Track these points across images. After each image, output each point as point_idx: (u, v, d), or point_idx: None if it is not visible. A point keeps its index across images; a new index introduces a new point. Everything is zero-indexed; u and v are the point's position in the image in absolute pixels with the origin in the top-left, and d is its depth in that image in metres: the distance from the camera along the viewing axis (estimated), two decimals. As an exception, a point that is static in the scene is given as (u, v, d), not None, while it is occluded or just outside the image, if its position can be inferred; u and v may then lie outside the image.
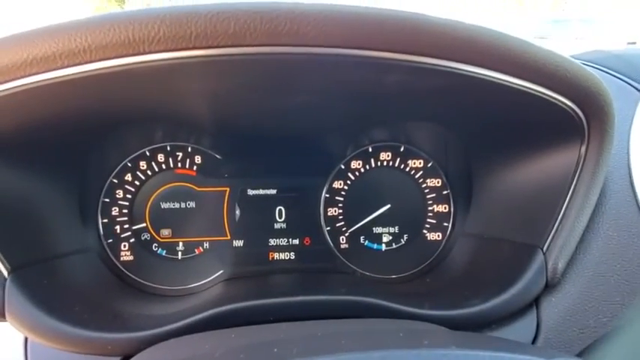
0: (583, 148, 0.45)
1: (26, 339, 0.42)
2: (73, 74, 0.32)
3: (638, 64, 0.59)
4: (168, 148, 0.60)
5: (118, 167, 0.59)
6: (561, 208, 0.46)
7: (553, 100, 0.42)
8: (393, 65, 0.37)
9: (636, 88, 0.56)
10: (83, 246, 0.53)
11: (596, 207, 0.47)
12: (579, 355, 0.45)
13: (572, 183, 0.46)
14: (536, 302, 0.47)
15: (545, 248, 0.46)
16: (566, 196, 0.46)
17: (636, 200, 0.48)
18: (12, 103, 0.36)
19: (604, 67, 0.62)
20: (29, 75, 0.33)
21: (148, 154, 0.60)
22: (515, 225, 0.52)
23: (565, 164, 0.47)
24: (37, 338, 0.39)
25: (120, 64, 0.32)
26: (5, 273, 0.39)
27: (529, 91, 0.41)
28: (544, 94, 0.42)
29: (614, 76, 0.60)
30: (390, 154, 0.65)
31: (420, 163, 0.65)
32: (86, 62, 0.31)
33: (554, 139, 0.47)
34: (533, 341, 0.46)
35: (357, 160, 0.65)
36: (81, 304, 0.44)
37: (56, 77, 0.34)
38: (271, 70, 0.38)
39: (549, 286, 0.46)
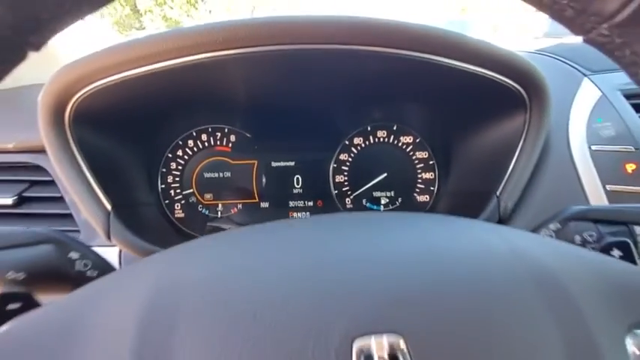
0: (527, 115, 0.60)
1: (120, 250, 0.59)
2: (165, 67, 0.49)
3: (582, 52, 0.73)
4: (210, 130, 0.77)
5: (172, 145, 0.76)
6: (512, 162, 0.61)
7: (501, 81, 0.57)
8: (381, 55, 0.52)
9: (580, 71, 0.71)
10: (150, 202, 0.70)
11: (539, 160, 0.61)
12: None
13: (519, 142, 0.61)
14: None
15: (498, 193, 0.61)
16: (516, 153, 0.61)
17: (571, 156, 0.62)
18: (118, 90, 0.53)
19: (557, 55, 0.76)
20: (133, 68, 0.50)
21: (194, 134, 0.76)
22: (479, 179, 0.66)
23: (515, 128, 0.61)
24: (129, 251, 0.55)
25: (204, 57, 0.49)
26: (109, 208, 0.55)
27: (484, 74, 0.56)
28: (494, 76, 0.56)
29: (564, 62, 0.74)
30: (385, 132, 0.80)
31: (410, 139, 0.80)
32: (180, 57, 0.48)
33: (506, 109, 0.61)
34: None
35: (358, 137, 0.80)
36: (154, 235, 0.60)
37: (151, 70, 0.50)
38: (297, 61, 0.54)
39: (502, 221, 0.60)
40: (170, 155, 0.76)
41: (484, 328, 0.23)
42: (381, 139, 0.80)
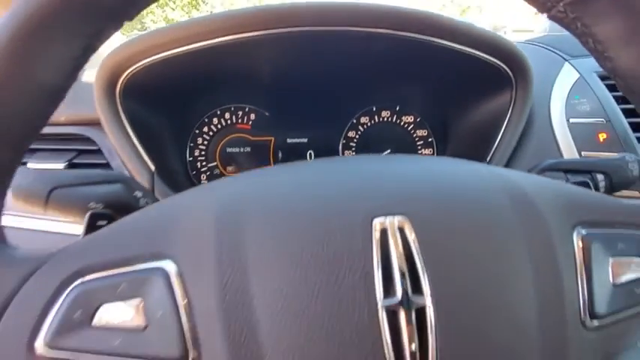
0: (513, 92, 0.69)
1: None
2: (201, 47, 0.58)
3: (564, 40, 0.82)
4: (232, 109, 0.86)
5: (199, 122, 0.85)
6: (500, 133, 0.69)
7: (490, 61, 0.66)
8: (384, 37, 0.61)
9: (561, 56, 0.80)
10: (180, 171, 0.79)
11: (523, 131, 0.70)
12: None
13: (506, 116, 0.70)
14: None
15: (488, 159, 0.69)
16: (503, 125, 0.70)
17: (551, 127, 0.71)
18: (159, 68, 0.62)
19: (543, 43, 0.85)
20: (173, 48, 0.59)
21: (218, 112, 0.85)
22: (472, 149, 0.75)
23: (503, 103, 0.70)
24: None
25: (239, 37, 0.58)
26: (153, 169, 0.64)
27: (475, 55, 0.65)
28: (484, 56, 0.65)
29: (549, 49, 0.83)
30: (389, 112, 0.89)
31: (411, 119, 0.89)
32: (214, 37, 0.57)
33: (495, 87, 0.71)
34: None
35: (365, 116, 0.89)
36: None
37: (188, 49, 0.59)
38: (312, 43, 0.64)
39: (491, 183, 0.69)
40: (197, 131, 0.85)
41: (466, 218, 0.32)
42: (385, 119, 0.89)
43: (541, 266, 0.32)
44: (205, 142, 0.85)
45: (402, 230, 0.30)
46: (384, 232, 0.30)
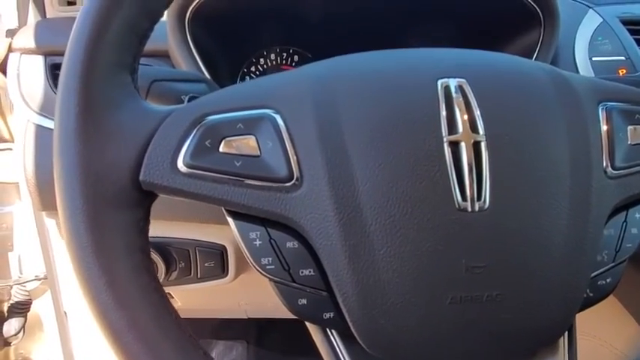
0: (541, 29, 0.75)
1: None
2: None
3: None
4: (278, 50, 0.93)
5: (247, 61, 0.92)
6: (530, 65, 0.76)
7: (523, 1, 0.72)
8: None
9: (586, 5, 0.85)
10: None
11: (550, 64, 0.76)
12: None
13: (534, 54, 0.76)
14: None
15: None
16: (534, 56, 0.76)
17: (575, 65, 0.77)
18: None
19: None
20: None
21: (265, 53, 0.93)
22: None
23: (530, 42, 0.77)
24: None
25: None
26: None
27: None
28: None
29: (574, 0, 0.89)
30: (421, 58, 0.96)
31: (441, 65, 0.96)
32: None
33: (523, 26, 0.77)
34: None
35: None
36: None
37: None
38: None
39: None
40: (245, 70, 0.92)
41: (513, 84, 0.40)
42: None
43: (572, 126, 0.40)
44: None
45: (461, 88, 0.38)
46: (447, 89, 0.38)
